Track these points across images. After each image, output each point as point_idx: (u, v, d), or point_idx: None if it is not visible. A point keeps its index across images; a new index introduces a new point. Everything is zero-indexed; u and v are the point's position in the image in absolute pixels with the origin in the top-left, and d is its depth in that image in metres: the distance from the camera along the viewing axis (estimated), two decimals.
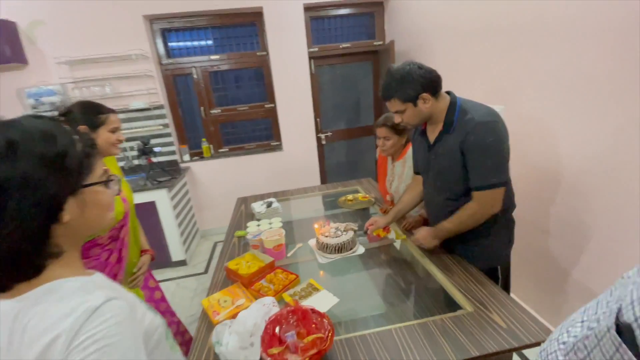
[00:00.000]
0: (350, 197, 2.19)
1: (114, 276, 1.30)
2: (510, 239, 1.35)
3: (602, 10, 1.30)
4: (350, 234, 1.52)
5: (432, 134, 1.29)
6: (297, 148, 3.47)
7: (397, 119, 1.27)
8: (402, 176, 1.74)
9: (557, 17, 1.49)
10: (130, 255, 1.40)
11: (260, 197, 2.39)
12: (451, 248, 1.40)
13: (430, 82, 1.17)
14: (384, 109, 3.41)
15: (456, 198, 1.27)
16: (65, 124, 0.55)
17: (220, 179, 3.42)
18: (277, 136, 3.55)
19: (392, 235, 1.61)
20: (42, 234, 0.49)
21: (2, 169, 0.45)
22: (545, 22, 1.56)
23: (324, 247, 1.48)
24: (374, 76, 3.58)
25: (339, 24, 3.46)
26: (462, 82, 2.25)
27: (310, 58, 3.31)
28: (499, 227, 1.30)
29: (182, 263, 2.99)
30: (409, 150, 1.68)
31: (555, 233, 1.69)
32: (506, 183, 1.17)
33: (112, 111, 1.24)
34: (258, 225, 1.75)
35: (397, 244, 1.59)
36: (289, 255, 1.56)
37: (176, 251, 2.93)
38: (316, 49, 3.35)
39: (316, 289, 1.24)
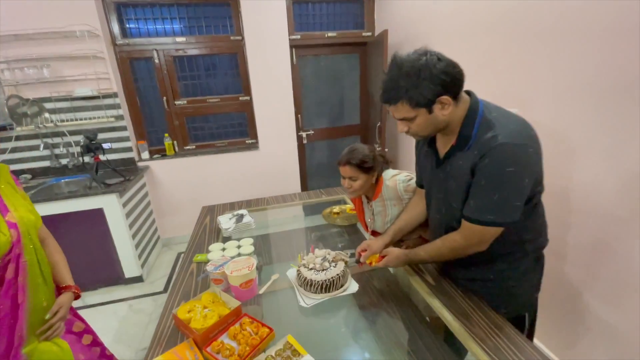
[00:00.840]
0: (336, 209, 1.87)
1: (9, 331, 0.92)
2: (540, 280, 1.08)
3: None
4: (341, 266, 1.19)
5: (443, 147, 1.01)
6: (275, 147, 3.10)
7: (401, 127, 0.96)
8: (385, 213, 1.42)
9: (586, 9, 1.23)
10: (38, 298, 1.01)
11: (230, 206, 2.02)
12: (467, 286, 1.11)
13: (453, 81, 0.86)
14: (372, 107, 3.11)
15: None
16: None
17: (185, 181, 2.99)
18: (252, 133, 3.16)
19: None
20: None
21: None
22: (571, 13, 1.29)
23: (307, 284, 1.15)
24: (361, 70, 3.27)
25: (324, 10, 3.10)
26: (466, 81, 1.98)
27: (291, 46, 2.94)
28: (529, 266, 1.03)
29: (138, 280, 2.56)
30: (383, 185, 1.39)
31: (574, 260, 1.45)
32: (506, 224, 0.91)
33: None
34: (223, 249, 1.39)
35: (400, 278, 1.29)
36: (261, 292, 1.21)
37: (130, 266, 2.49)
38: (298, 37, 2.98)
39: (297, 353, 0.91)
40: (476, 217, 0.91)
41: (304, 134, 3.27)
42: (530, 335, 1.13)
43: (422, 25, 2.38)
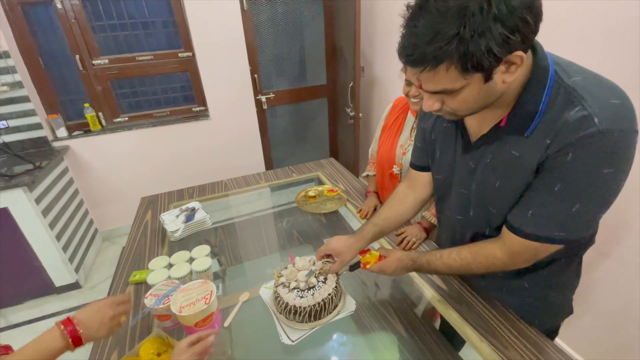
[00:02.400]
0: (311, 191, 1.55)
1: None
2: (578, 282, 0.86)
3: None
4: (332, 280, 0.90)
5: (478, 125, 0.69)
6: (229, 115, 2.62)
7: (430, 104, 0.61)
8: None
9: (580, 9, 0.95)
10: None
11: (178, 195, 1.62)
12: (489, 294, 0.89)
13: (538, 22, 0.50)
14: (341, 64, 2.68)
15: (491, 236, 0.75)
16: None
17: (120, 162, 2.45)
18: (200, 99, 2.63)
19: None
20: None
21: None
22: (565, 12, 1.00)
23: (289, 312, 0.85)
24: (325, 19, 2.78)
25: None
26: None
27: None
28: (573, 273, 0.81)
29: (73, 287, 2.11)
30: None
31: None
32: (571, 242, 0.63)
33: None
34: (167, 266, 1.03)
35: (415, 290, 1.03)
36: (227, 324, 0.90)
37: (59, 272, 2.03)
38: None
39: None
40: (537, 232, 0.63)
41: (263, 98, 2.80)
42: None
43: None
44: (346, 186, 1.61)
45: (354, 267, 0.95)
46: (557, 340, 1.38)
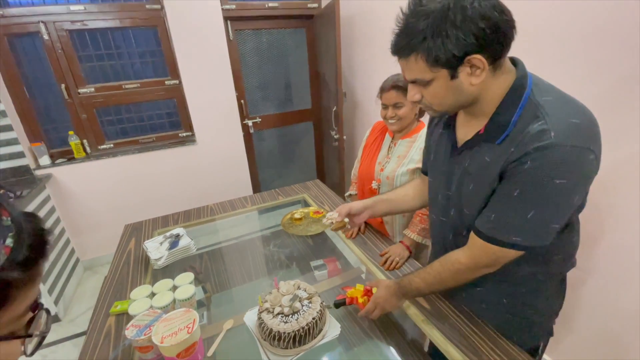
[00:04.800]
0: (297, 213, 1.56)
1: None
2: (561, 305, 0.89)
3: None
4: (317, 304, 0.91)
5: (465, 132, 0.76)
6: (216, 139, 2.65)
7: (412, 93, 0.70)
8: (404, 156, 1.25)
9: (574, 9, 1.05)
10: None
11: (163, 221, 1.61)
12: (470, 308, 0.91)
13: (496, 34, 0.57)
14: (325, 89, 2.79)
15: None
16: None
17: (104, 189, 2.43)
18: (186, 125, 2.66)
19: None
20: None
21: None
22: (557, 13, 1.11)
23: (273, 338, 0.85)
24: (308, 47, 2.91)
25: None
26: None
27: (225, 18, 2.47)
28: (553, 292, 0.84)
29: (52, 320, 2.02)
30: (424, 129, 1.24)
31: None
32: (533, 248, 0.68)
33: None
34: (150, 295, 1.02)
35: (401, 311, 1.04)
36: (210, 353, 0.89)
37: None
38: (233, 6, 2.51)
39: None
40: (495, 235, 0.69)
41: (250, 122, 2.85)
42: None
43: None
44: (332, 207, 1.63)
45: (339, 304, 0.96)
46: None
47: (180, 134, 2.67)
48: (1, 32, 2.10)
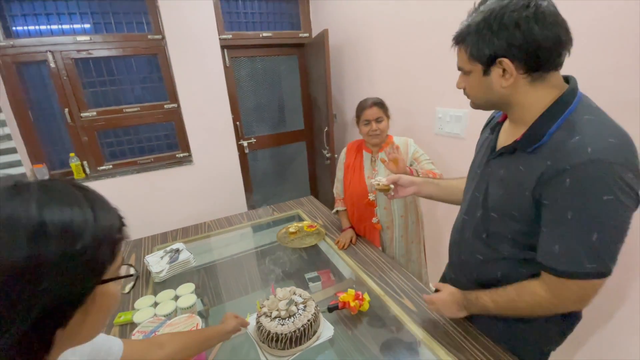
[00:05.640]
0: (292, 227, 1.65)
1: None
2: (564, 334, 0.86)
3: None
4: (311, 307, 0.98)
5: (505, 138, 0.79)
6: (213, 159, 2.74)
7: (459, 81, 0.78)
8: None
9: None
10: None
11: (162, 237, 1.67)
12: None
13: (527, 45, 0.62)
14: (317, 111, 2.94)
15: (496, 249, 0.81)
16: None
17: None
18: (184, 145, 2.76)
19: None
20: (48, 341, 0.35)
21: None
22: None
23: (270, 340, 0.91)
24: (300, 73, 3.09)
25: (256, 8, 2.85)
26: (414, 82, 1.92)
27: (222, 47, 2.63)
28: (550, 329, 0.84)
29: None
30: (393, 139, 1.48)
31: None
32: (610, 273, 0.65)
33: None
34: (154, 304, 1.08)
35: (387, 310, 1.11)
36: (211, 358, 0.94)
37: None
38: (230, 36, 2.68)
39: None
40: (569, 268, 0.65)
41: (245, 143, 2.97)
42: None
43: (364, 26, 2.29)
44: (324, 221, 1.72)
45: (333, 308, 1.04)
46: None
47: (177, 155, 2.77)
48: (10, 61, 2.22)
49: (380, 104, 1.42)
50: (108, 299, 0.41)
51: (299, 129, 3.24)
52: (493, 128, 0.85)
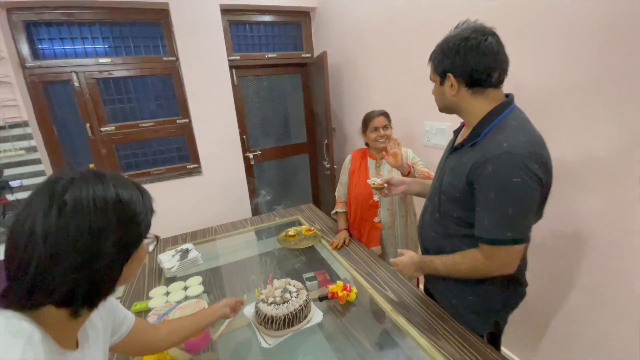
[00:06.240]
0: (291, 231, 1.79)
1: None
2: (508, 304, 1.02)
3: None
4: (303, 295, 1.12)
5: (461, 137, 0.99)
6: (220, 170, 2.93)
7: (432, 90, 1.00)
8: (394, 170, 1.58)
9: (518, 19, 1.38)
10: None
11: (173, 240, 1.83)
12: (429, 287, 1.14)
13: (466, 66, 0.84)
14: (318, 125, 3.13)
15: (445, 226, 0.99)
16: None
17: None
18: (194, 157, 2.96)
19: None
20: (120, 271, 0.54)
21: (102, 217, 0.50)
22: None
23: (267, 322, 1.05)
24: (304, 90, 3.29)
25: (262, 31, 3.09)
26: (405, 98, 2.09)
27: (231, 67, 2.85)
28: (497, 290, 0.99)
29: None
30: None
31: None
32: (527, 240, 0.84)
33: None
34: (166, 293, 1.22)
35: (371, 300, 1.24)
36: (215, 337, 1.08)
37: None
38: (237, 57, 2.91)
39: None
40: (494, 236, 0.83)
41: (251, 155, 3.16)
42: (496, 345, 1.10)
43: (360, 47, 2.48)
44: (322, 226, 1.86)
45: (323, 298, 1.18)
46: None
47: (187, 166, 2.96)
48: (37, 80, 2.45)
49: (386, 114, 1.64)
50: (143, 253, 0.60)
51: (302, 142, 3.42)
52: (456, 132, 1.04)
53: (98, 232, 0.49)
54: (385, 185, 1.31)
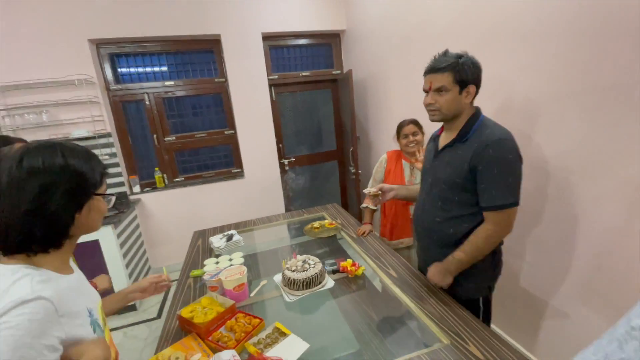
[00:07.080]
0: (316, 224, 2.10)
1: None
2: (496, 271, 1.27)
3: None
4: (319, 266, 1.42)
5: (444, 140, 1.24)
6: (259, 174, 3.35)
7: (429, 99, 1.16)
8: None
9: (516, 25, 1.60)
10: None
11: (220, 229, 2.22)
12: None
13: (480, 80, 1.12)
14: (346, 134, 3.45)
15: (448, 211, 1.21)
16: None
17: (174, 211, 3.17)
18: (238, 163, 3.41)
19: None
20: (71, 218, 0.68)
21: (59, 161, 0.66)
22: (501, 34, 1.66)
23: (290, 284, 1.37)
24: (333, 103, 3.64)
25: (298, 53, 3.51)
26: (422, 109, 2.32)
27: (270, 85, 3.29)
28: (490, 255, 1.20)
29: (131, 308, 2.65)
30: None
31: (533, 255, 1.72)
32: (519, 203, 1.10)
33: (22, 140, 1.23)
34: (217, 263, 1.59)
35: (368, 273, 1.52)
36: (252, 294, 1.41)
37: None
38: (276, 77, 3.34)
39: (283, 334, 1.11)
40: (501, 202, 1.07)
41: (285, 161, 3.55)
42: (487, 319, 1.31)
43: (381, 65, 2.78)
44: (343, 221, 2.15)
45: (335, 271, 1.47)
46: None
47: (232, 171, 3.42)
48: (118, 100, 3.06)
49: (415, 122, 1.88)
50: (100, 205, 0.73)
51: (331, 150, 3.76)
52: (434, 139, 1.31)
53: (46, 187, 0.63)
54: (380, 192, 1.57)
